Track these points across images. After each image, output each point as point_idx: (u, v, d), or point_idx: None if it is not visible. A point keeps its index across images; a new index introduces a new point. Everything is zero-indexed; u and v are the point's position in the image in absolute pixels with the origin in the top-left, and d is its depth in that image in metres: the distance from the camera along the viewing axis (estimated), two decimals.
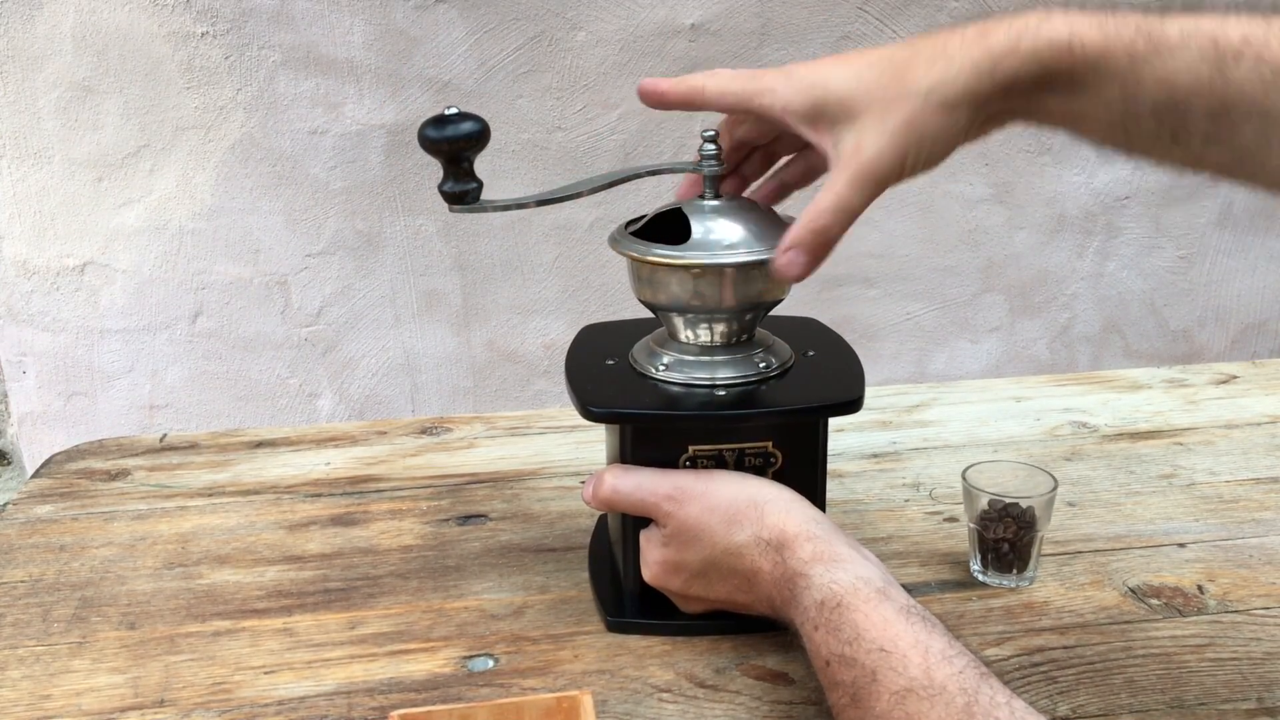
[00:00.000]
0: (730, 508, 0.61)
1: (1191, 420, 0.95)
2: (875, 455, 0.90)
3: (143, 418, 1.50)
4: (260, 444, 0.95)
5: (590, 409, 0.64)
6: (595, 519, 0.81)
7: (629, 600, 0.69)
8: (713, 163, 0.63)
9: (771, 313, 0.70)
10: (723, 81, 0.60)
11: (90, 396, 1.49)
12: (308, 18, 1.35)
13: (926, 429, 0.95)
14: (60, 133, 1.37)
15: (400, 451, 0.93)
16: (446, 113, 0.60)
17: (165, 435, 0.98)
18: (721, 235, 0.65)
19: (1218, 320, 1.68)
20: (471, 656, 0.66)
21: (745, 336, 0.67)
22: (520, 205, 0.65)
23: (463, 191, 0.62)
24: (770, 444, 0.65)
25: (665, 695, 0.62)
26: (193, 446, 0.95)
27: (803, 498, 0.62)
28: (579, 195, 0.65)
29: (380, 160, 1.42)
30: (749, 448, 0.65)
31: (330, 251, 1.45)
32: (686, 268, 0.62)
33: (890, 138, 0.55)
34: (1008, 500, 0.69)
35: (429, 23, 1.37)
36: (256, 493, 0.87)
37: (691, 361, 0.66)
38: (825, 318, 0.67)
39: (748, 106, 0.60)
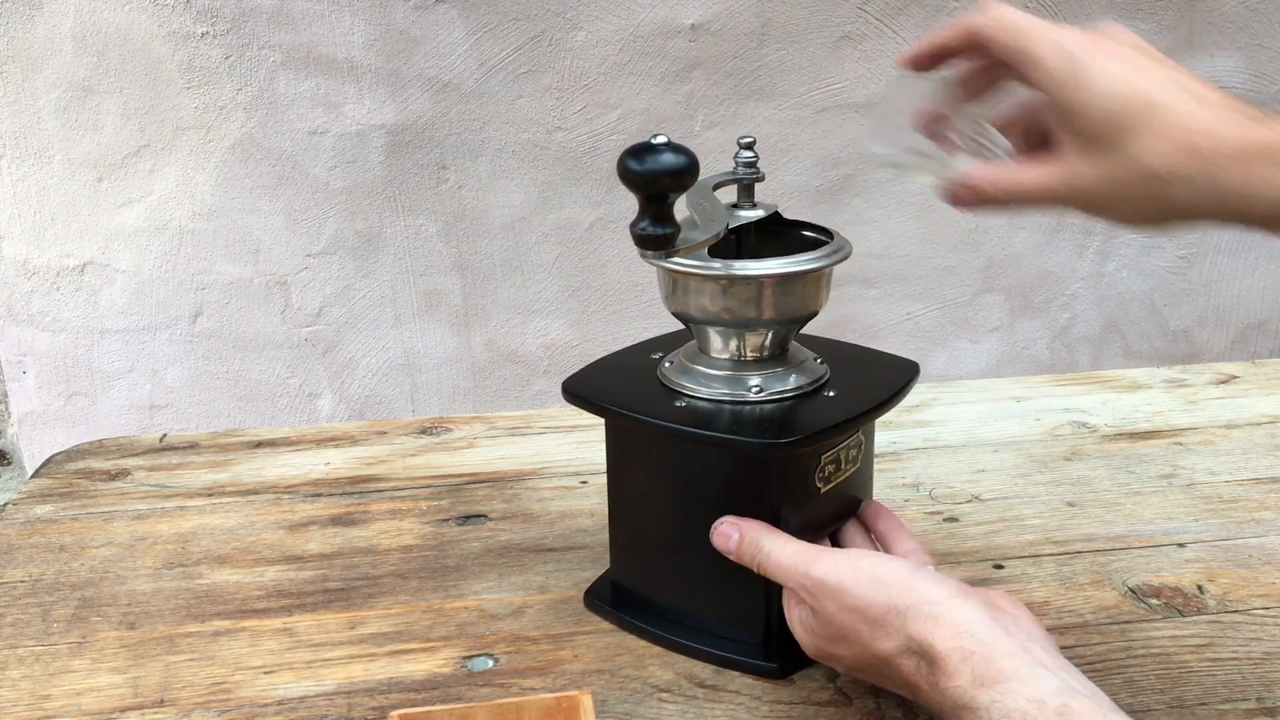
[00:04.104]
0: (870, 610, 0.55)
1: (1191, 420, 0.95)
2: (876, 455, 0.90)
3: (143, 418, 1.50)
4: (260, 444, 0.95)
5: (778, 442, 0.60)
6: (595, 519, 0.81)
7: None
8: (750, 170, 0.62)
9: (829, 327, 0.70)
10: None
11: (90, 396, 1.49)
12: (308, 18, 1.35)
13: (926, 429, 0.95)
14: (60, 133, 1.37)
15: (400, 451, 0.93)
16: (653, 142, 0.53)
17: (165, 435, 0.98)
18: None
19: (1218, 320, 1.68)
20: (471, 656, 0.66)
21: (785, 348, 0.66)
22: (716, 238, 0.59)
23: (663, 235, 0.55)
24: (860, 432, 0.65)
25: (665, 695, 0.62)
26: (193, 446, 0.95)
27: (946, 586, 0.54)
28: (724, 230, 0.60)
29: (380, 160, 1.41)
30: (850, 441, 0.64)
31: (330, 251, 1.45)
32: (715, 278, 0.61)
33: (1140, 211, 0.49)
34: None
35: (429, 23, 1.37)
36: (256, 493, 0.87)
37: (778, 374, 0.64)
38: (825, 317, 0.67)
39: (979, 47, 0.53)
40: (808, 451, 0.61)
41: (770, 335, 0.64)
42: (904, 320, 1.59)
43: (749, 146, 0.61)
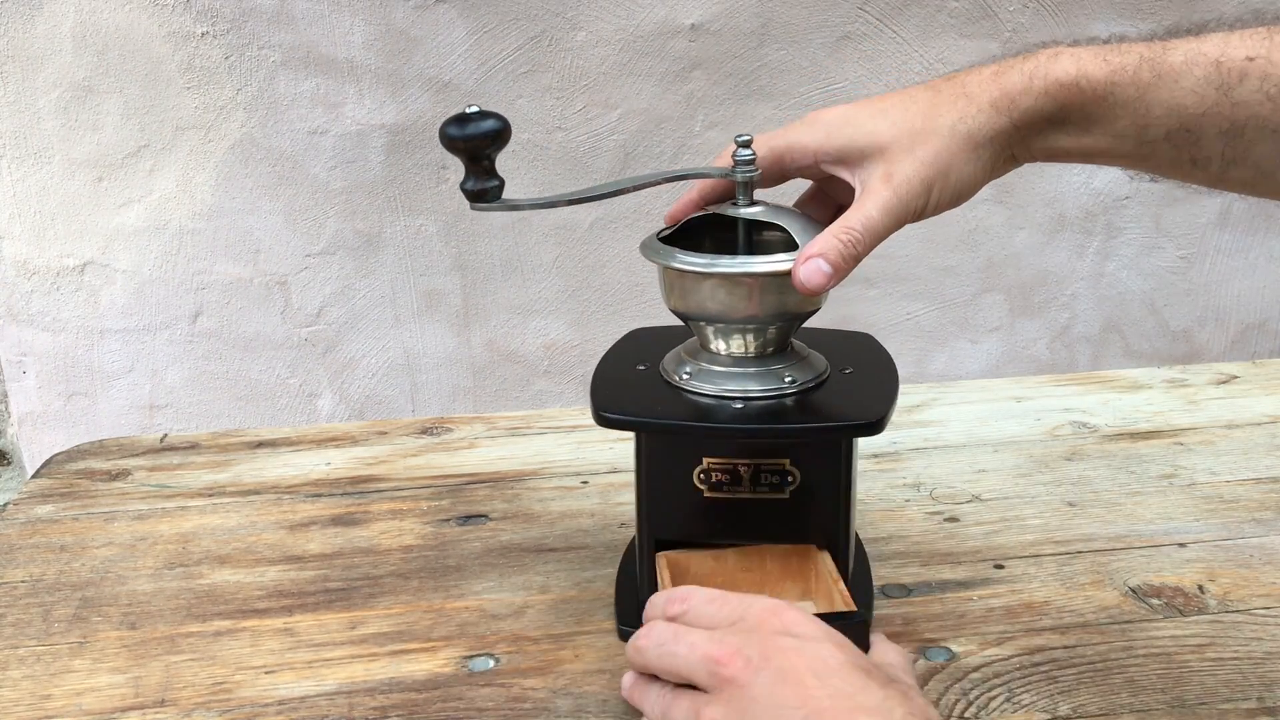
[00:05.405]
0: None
1: (1192, 420, 0.95)
2: (875, 455, 0.90)
3: (143, 418, 1.50)
4: (260, 444, 0.95)
5: (603, 414, 0.62)
6: (595, 519, 0.81)
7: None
8: (748, 168, 0.62)
9: (830, 326, 0.68)
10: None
11: (90, 396, 1.49)
12: (308, 18, 1.35)
13: (926, 429, 0.95)
14: (60, 133, 1.37)
15: (400, 451, 0.93)
16: (468, 111, 0.59)
17: (165, 435, 0.98)
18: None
19: (1218, 320, 1.68)
20: (472, 656, 0.66)
21: (775, 349, 0.65)
22: (550, 204, 0.63)
23: (483, 190, 0.61)
24: (788, 462, 0.63)
25: None
26: (193, 446, 0.95)
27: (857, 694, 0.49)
28: (609, 196, 0.64)
29: (380, 160, 1.41)
30: (765, 464, 0.63)
31: (330, 251, 1.45)
32: (710, 276, 0.61)
33: (920, 168, 0.56)
34: None
35: (429, 23, 1.37)
36: (257, 493, 0.87)
37: (717, 372, 0.64)
38: (826, 318, 0.67)
39: (782, 170, 0.62)
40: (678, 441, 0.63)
41: (769, 332, 0.64)
42: (904, 320, 1.59)
43: (746, 145, 0.62)
